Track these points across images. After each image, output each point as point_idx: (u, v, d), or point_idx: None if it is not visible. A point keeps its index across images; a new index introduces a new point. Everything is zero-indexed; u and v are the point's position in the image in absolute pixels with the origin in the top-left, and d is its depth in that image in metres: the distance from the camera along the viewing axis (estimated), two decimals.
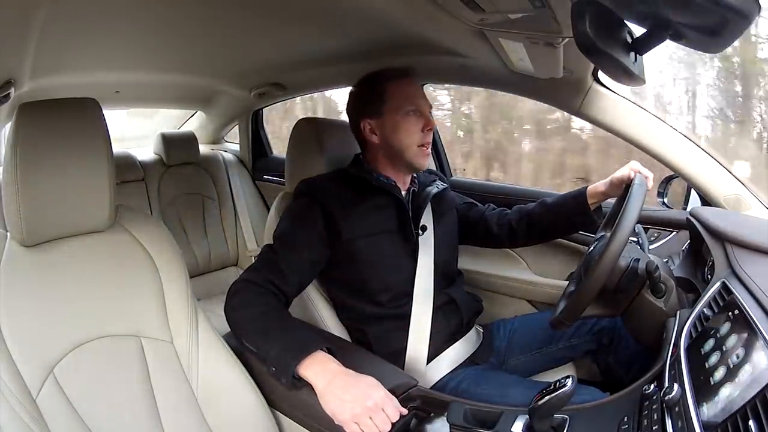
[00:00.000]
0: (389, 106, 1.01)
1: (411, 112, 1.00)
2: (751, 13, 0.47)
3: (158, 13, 0.99)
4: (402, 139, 1.01)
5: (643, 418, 0.62)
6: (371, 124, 1.04)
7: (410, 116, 1.00)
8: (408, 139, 1.00)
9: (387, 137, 1.02)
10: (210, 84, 1.83)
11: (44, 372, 0.71)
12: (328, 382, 0.74)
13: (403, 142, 1.01)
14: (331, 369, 0.75)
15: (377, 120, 1.03)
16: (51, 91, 1.35)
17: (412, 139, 1.00)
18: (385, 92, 1.02)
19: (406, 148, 1.01)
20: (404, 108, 1.00)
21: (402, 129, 1.00)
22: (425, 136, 1.01)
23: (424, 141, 1.01)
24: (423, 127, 1.01)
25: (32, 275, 0.75)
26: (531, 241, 1.19)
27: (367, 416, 0.70)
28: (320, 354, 0.77)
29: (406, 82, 1.03)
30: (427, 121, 1.01)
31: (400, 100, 1.01)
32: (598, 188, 1.05)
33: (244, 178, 2.27)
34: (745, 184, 1.05)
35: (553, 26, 0.74)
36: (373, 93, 1.03)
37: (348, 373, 0.75)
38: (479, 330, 1.13)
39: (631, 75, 0.60)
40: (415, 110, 1.01)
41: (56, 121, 0.74)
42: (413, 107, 1.01)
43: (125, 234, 0.84)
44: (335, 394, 0.72)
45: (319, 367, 0.75)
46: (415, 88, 1.04)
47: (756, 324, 0.57)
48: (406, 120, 1.00)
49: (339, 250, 0.99)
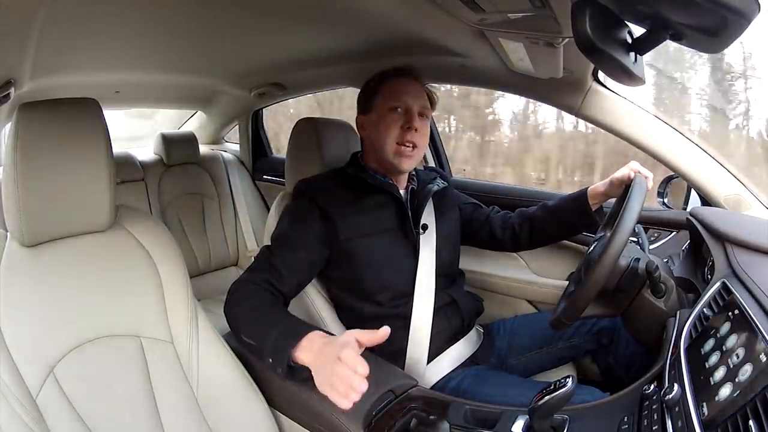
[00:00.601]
0: (376, 103, 1.02)
1: (395, 109, 0.99)
2: (751, 13, 0.47)
3: (158, 13, 0.99)
4: (381, 135, 1.00)
5: (643, 418, 0.62)
6: (363, 120, 1.05)
7: (392, 113, 0.99)
8: (386, 136, 0.99)
9: (370, 134, 1.03)
10: (210, 84, 1.83)
11: (44, 372, 0.71)
12: (314, 360, 0.71)
13: (381, 139, 1.00)
14: (317, 346, 0.72)
15: (366, 116, 1.04)
16: (51, 91, 1.35)
17: (390, 136, 0.99)
18: (378, 89, 1.02)
19: (384, 146, 0.99)
20: (388, 104, 0.99)
21: (382, 125, 0.99)
22: (405, 134, 0.98)
23: (403, 139, 0.98)
24: (403, 124, 0.99)
25: (32, 275, 0.75)
26: (533, 245, 1.19)
27: (338, 376, 0.64)
28: (313, 334, 0.74)
29: (403, 80, 1.02)
30: (408, 119, 0.99)
31: (386, 97, 1.00)
32: (599, 189, 1.04)
33: (244, 178, 2.27)
34: (745, 184, 1.05)
35: (553, 26, 0.74)
36: (369, 90, 1.04)
37: (326, 343, 0.71)
38: (479, 330, 1.13)
39: (631, 75, 0.60)
40: (400, 108, 0.99)
41: (56, 121, 0.74)
42: (398, 104, 0.99)
43: (125, 234, 0.84)
44: (316, 369, 0.70)
45: (310, 347, 0.72)
46: (408, 86, 1.01)
47: (756, 324, 0.57)
48: (387, 117, 0.99)
49: (338, 249, 0.99)
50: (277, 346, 0.75)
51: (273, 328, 0.78)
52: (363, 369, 0.63)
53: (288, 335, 0.76)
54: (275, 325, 0.79)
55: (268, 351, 0.77)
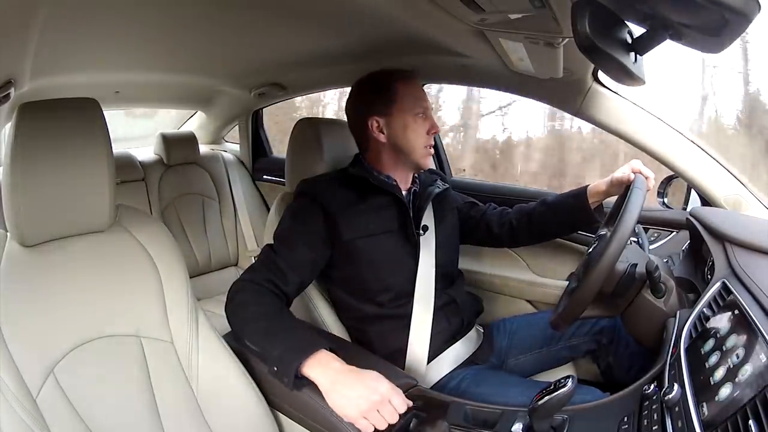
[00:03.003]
0: (400, 106, 1.02)
1: (420, 113, 1.02)
2: (751, 13, 0.47)
3: (158, 13, 0.99)
4: (411, 139, 1.02)
5: (643, 418, 0.62)
6: (379, 122, 1.04)
7: (419, 118, 1.02)
8: (417, 140, 1.02)
9: (395, 136, 1.03)
10: (210, 84, 1.83)
11: (44, 372, 0.71)
12: (333, 381, 0.74)
13: (412, 143, 1.03)
14: (335, 367, 0.75)
15: (386, 118, 1.03)
16: (51, 91, 1.35)
17: (420, 140, 1.03)
18: (396, 92, 1.03)
19: (414, 149, 1.03)
20: (414, 109, 1.02)
21: (411, 130, 1.02)
22: (430, 138, 1.04)
23: (429, 143, 1.04)
24: (429, 129, 1.03)
25: (32, 275, 0.75)
26: (532, 240, 1.19)
27: (375, 410, 0.70)
28: (323, 353, 0.77)
29: (414, 83, 1.05)
30: (433, 124, 1.04)
31: (410, 101, 1.02)
32: (599, 187, 1.04)
33: (244, 178, 2.27)
34: (745, 184, 1.05)
35: (553, 26, 0.74)
36: (384, 91, 1.04)
37: (351, 369, 0.75)
38: (479, 330, 1.13)
39: (631, 75, 0.60)
40: (423, 112, 1.03)
41: (56, 121, 0.74)
42: (422, 109, 1.03)
43: (125, 234, 0.84)
44: (341, 392, 0.72)
45: (323, 367, 0.75)
46: (421, 90, 1.06)
47: (756, 324, 0.57)
48: (416, 121, 1.02)
49: (339, 250, 0.99)
50: (284, 359, 0.77)
51: (279, 341, 0.79)
52: None
53: (295, 349, 0.77)
54: (281, 337, 0.80)
55: (274, 361, 0.78)
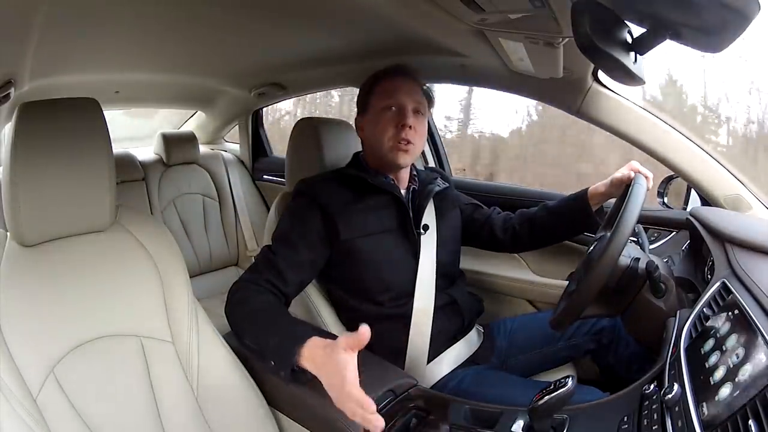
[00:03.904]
0: (371, 103, 1.03)
1: (389, 107, 1.00)
2: (751, 13, 0.47)
3: (158, 13, 0.99)
4: (376, 133, 1.01)
5: (643, 418, 0.62)
6: (360, 120, 1.07)
7: (386, 112, 1.00)
8: (382, 135, 1.00)
9: (367, 133, 1.05)
10: (210, 84, 1.83)
11: (45, 372, 0.71)
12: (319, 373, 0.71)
13: (377, 137, 1.01)
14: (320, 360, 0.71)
15: (363, 116, 1.06)
16: (51, 91, 1.35)
17: (386, 135, 1.00)
18: (372, 88, 1.04)
19: (381, 144, 1.01)
20: (383, 103, 1.01)
21: (378, 124, 1.01)
22: (400, 132, 0.99)
23: (398, 138, 0.99)
24: (397, 123, 0.99)
25: (32, 275, 0.75)
26: (534, 245, 1.19)
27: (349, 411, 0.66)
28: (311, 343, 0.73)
29: (398, 79, 1.03)
30: (401, 117, 0.99)
31: (381, 96, 1.02)
32: (599, 189, 1.04)
33: (244, 178, 2.27)
34: (745, 184, 1.05)
35: (553, 26, 0.74)
36: (365, 90, 1.06)
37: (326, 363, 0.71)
38: (480, 330, 1.13)
39: (631, 75, 0.60)
40: (394, 106, 1.00)
41: (56, 121, 0.74)
42: (392, 103, 1.00)
43: (125, 234, 0.84)
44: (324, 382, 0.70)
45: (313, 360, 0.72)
46: (402, 84, 1.02)
47: (756, 324, 0.57)
48: (382, 116, 1.00)
49: (338, 249, 0.99)
50: (281, 350, 0.76)
51: (276, 333, 0.78)
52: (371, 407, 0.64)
53: (292, 338, 0.76)
54: (277, 330, 0.79)
55: (271, 354, 0.77)
